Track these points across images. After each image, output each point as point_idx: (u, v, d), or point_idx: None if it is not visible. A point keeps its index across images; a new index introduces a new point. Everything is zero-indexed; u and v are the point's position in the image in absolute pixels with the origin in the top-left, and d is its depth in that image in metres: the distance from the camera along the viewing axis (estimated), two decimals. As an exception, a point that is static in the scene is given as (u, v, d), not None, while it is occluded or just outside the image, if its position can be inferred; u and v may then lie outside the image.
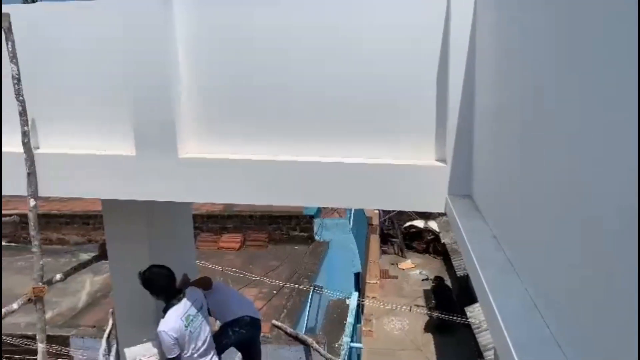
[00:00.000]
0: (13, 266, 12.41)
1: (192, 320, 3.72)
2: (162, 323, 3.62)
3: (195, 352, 3.77)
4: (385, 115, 2.76)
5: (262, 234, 15.04)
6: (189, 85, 2.99)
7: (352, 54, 2.73)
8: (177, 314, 3.66)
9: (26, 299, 3.25)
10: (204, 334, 3.85)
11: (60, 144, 3.27)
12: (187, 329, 3.67)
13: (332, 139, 2.85)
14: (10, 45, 3.05)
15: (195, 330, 3.73)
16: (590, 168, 1.06)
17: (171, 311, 3.67)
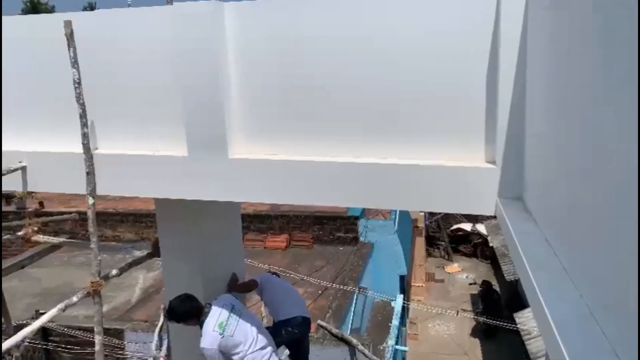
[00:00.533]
0: (73, 261, 13.05)
1: (225, 326, 3.79)
2: (202, 341, 3.75)
3: (250, 347, 3.82)
4: (433, 115, 2.73)
5: (308, 234, 15.16)
6: (239, 87, 3.04)
7: (399, 53, 2.71)
8: (210, 327, 3.76)
9: (85, 293, 3.40)
10: (247, 329, 3.89)
11: (117, 145, 3.41)
12: (223, 335, 3.75)
13: (379, 140, 2.85)
14: (71, 51, 3.17)
15: (232, 332, 3.80)
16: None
17: (204, 326, 3.78)
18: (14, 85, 3.58)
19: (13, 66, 3.54)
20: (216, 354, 3.71)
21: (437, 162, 2.72)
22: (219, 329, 3.74)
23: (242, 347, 3.81)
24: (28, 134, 3.58)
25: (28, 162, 3.54)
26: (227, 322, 3.79)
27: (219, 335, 3.73)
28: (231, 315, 3.84)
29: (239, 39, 2.96)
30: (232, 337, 3.77)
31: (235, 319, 3.84)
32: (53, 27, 3.20)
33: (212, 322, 3.76)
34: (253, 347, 3.85)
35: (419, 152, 2.77)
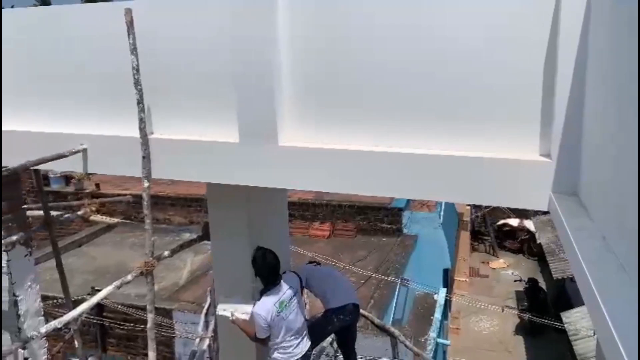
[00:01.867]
0: (125, 242, 13.59)
1: (285, 307, 3.84)
2: (256, 305, 3.81)
3: (287, 337, 3.90)
4: (487, 106, 2.68)
5: (351, 223, 15.19)
6: (291, 76, 3.07)
7: (455, 42, 2.67)
8: (271, 300, 3.81)
9: (138, 272, 3.54)
10: (297, 319, 3.95)
11: (172, 131, 3.51)
12: (280, 314, 3.81)
13: (428, 131, 2.82)
14: (131, 38, 3.26)
15: (287, 316, 3.85)
16: None
17: (266, 296, 3.83)
18: (76, 72, 3.74)
19: (74, 53, 3.69)
20: (265, 323, 3.76)
21: (489, 154, 2.67)
22: (278, 307, 3.80)
23: (284, 332, 3.87)
24: (89, 118, 3.74)
25: (89, 144, 3.70)
26: (287, 303, 3.86)
27: (276, 310, 3.79)
28: (292, 301, 3.91)
29: (290, 26, 2.98)
30: (285, 321, 3.84)
31: (294, 304, 3.92)
32: (113, 16, 3.31)
33: (275, 297, 3.82)
34: (290, 338, 3.93)
35: (471, 144, 2.73)
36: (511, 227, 21.93)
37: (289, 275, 4.06)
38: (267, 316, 3.75)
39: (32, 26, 3.90)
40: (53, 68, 3.82)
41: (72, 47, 3.69)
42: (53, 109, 3.90)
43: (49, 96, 3.91)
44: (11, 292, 4.29)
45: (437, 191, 2.93)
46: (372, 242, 14.21)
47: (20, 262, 4.33)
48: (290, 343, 3.93)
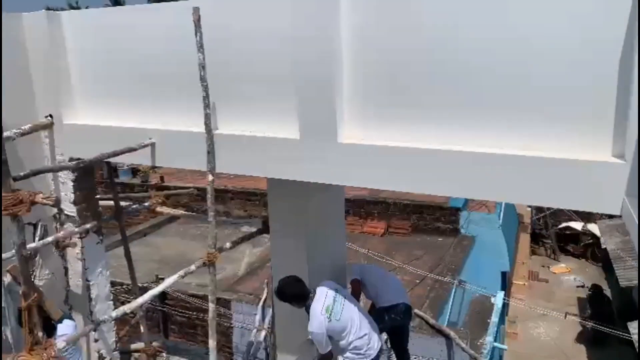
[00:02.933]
0: (187, 233, 14.11)
1: (332, 309, 3.85)
2: (309, 325, 3.85)
3: (358, 333, 3.90)
4: (558, 107, 2.58)
5: (406, 222, 15.04)
6: (352, 73, 3.08)
7: (526, 40, 2.59)
8: (317, 311, 3.84)
9: (201, 263, 3.67)
10: (351, 314, 3.94)
11: (235, 127, 3.60)
12: (330, 319, 3.81)
13: (494, 129, 2.75)
14: (198, 36, 3.35)
15: (338, 316, 3.86)
16: None
17: (312, 310, 3.86)
18: (146, 69, 3.91)
19: (144, 51, 3.86)
20: (324, 337, 3.78)
21: (559, 154, 2.58)
22: (326, 313, 3.81)
23: (347, 331, 3.87)
24: (158, 113, 3.91)
25: (157, 139, 3.87)
26: (333, 306, 3.85)
27: (326, 319, 3.79)
28: (336, 300, 3.90)
29: (352, 23, 2.99)
30: (339, 322, 3.84)
31: (340, 304, 3.91)
32: (180, 14, 3.44)
33: (319, 306, 3.83)
34: (357, 333, 3.91)
35: (540, 144, 2.64)
36: (574, 230, 21.00)
37: (325, 283, 4.07)
38: (322, 329, 3.78)
39: (105, 25, 4.12)
40: (125, 65, 4.02)
41: (143, 45, 3.86)
42: (125, 104, 4.11)
43: (121, 92, 4.11)
44: (84, 277, 4.56)
45: (502, 192, 2.86)
46: (428, 241, 14.01)
47: (92, 249, 4.59)
48: (363, 339, 3.92)
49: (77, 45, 4.20)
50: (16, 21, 4.17)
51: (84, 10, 4.51)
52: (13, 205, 2.50)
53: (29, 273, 2.65)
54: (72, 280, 4.64)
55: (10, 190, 2.55)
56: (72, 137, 4.28)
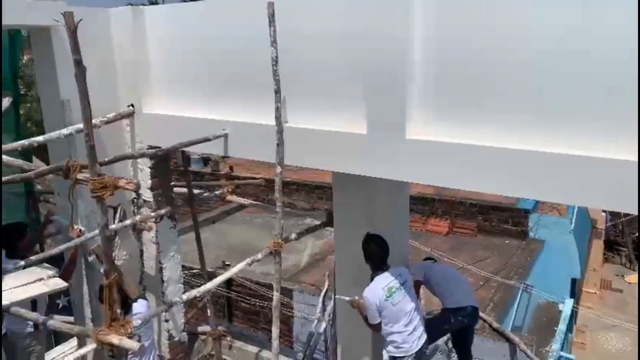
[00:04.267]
0: (253, 222, 14.52)
1: (393, 292, 3.88)
2: (366, 289, 3.91)
3: (402, 327, 3.91)
4: (632, 108, 2.45)
5: (471, 222, 14.68)
6: (422, 69, 3.06)
7: (597, 40, 2.48)
8: (380, 284, 3.89)
9: (267, 252, 3.78)
10: (408, 309, 3.95)
11: (304, 120, 3.67)
12: (388, 300, 3.85)
13: (566, 130, 2.66)
14: (272, 30, 3.42)
15: (396, 303, 3.88)
16: None
17: (376, 280, 3.92)
18: (220, 62, 4.06)
19: (219, 45, 4.01)
20: (373, 306, 3.86)
21: (633, 157, 2.45)
22: (387, 292, 3.87)
23: (395, 319, 3.90)
24: (232, 106, 4.05)
25: (230, 130, 4.01)
26: (396, 290, 3.90)
27: (384, 295, 3.86)
28: (401, 288, 3.94)
29: (424, 19, 2.97)
30: (393, 307, 3.88)
31: (402, 293, 3.94)
32: (254, 9, 3.53)
33: (384, 282, 3.90)
34: (400, 328, 3.92)
35: (616, 145, 2.52)
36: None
37: (398, 267, 4.09)
38: (375, 300, 3.84)
39: (183, 20, 4.32)
40: (200, 59, 4.20)
41: (218, 39, 4.01)
42: (200, 96, 4.29)
43: (197, 84, 4.30)
44: (157, 260, 4.82)
45: (577, 195, 2.74)
46: (494, 243, 13.62)
47: (166, 233, 4.84)
48: (403, 334, 3.93)
49: (157, 39, 4.43)
50: (104, 16, 4.45)
51: (164, 5, 4.74)
52: (99, 188, 2.69)
53: (111, 253, 2.84)
54: (146, 262, 4.92)
55: (96, 174, 2.74)
56: (150, 126, 4.53)
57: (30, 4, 4.03)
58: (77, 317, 4.73)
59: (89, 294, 4.42)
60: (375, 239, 3.96)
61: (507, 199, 13.12)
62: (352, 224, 4.17)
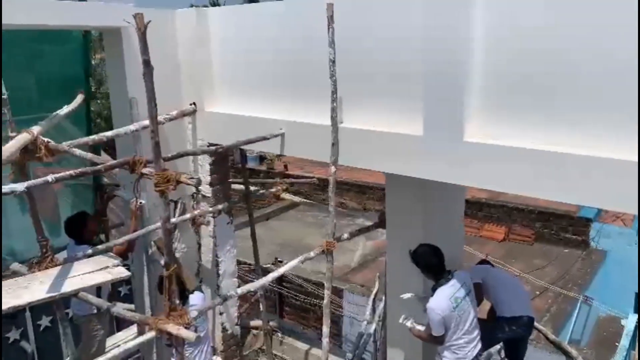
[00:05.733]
0: (304, 220, 14.68)
1: (460, 303, 3.75)
2: (431, 300, 3.75)
3: (463, 335, 3.82)
4: None
5: (528, 229, 14.21)
6: (481, 71, 3.01)
7: None
8: (446, 294, 3.73)
9: (320, 250, 3.81)
10: (471, 318, 3.85)
11: (359, 120, 3.67)
12: (455, 310, 3.72)
13: (630, 136, 2.53)
14: (330, 32, 3.45)
15: (462, 313, 3.76)
16: None
17: (439, 290, 3.76)
18: (278, 63, 4.14)
19: (277, 46, 4.09)
20: (440, 320, 3.72)
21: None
22: (453, 302, 3.73)
23: (460, 329, 3.79)
24: (288, 106, 4.13)
25: (286, 129, 4.08)
26: (462, 300, 3.77)
27: (451, 306, 3.72)
28: (466, 297, 3.82)
29: (485, 21, 2.92)
30: (458, 317, 3.76)
31: (467, 303, 3.82)
32: (312, 10, 3.57)
33: (449, 292, 3.75)
34: (461, 335, 3.82)
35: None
36: None
37: (462, 273, 3.98)
38: (442, 312, 3.69)
39: (243, 22, 4.44)
40: (259, 59, 4.29)
41: (276, 40, 4.10)
42: (258, 95, 4.39)
43: (255, 84, 4.40)
44: (214, 254, 4.97)
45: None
46: (552, 251, 13.13)
47: (223, 228, 4.98)
48: (461, 343, 3.82)
49: (219, 40, 4.57)
50: (169, 17, 4.63)
51: (226, 7, 4.87)
52: (162, 182, 2.81)
53: (171, 245, 2.96)
54: (203, 256, 5.08)
55: (160, 169, 2.86)
56: (211, 124, 4.67)
57: (102, 6, 4.26)
58: (137, 305, 4.95)
59: (148, 284, 4.61)
60: (430, 248, 3.82)
61: (567, 205, 12.62)
62: (405, 227, 4.14)
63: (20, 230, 4.78)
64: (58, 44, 5.43)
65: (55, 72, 5.40)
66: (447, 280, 3.77)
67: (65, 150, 3.38)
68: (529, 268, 11.50)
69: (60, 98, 4.26)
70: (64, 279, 3.04)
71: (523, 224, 14.36)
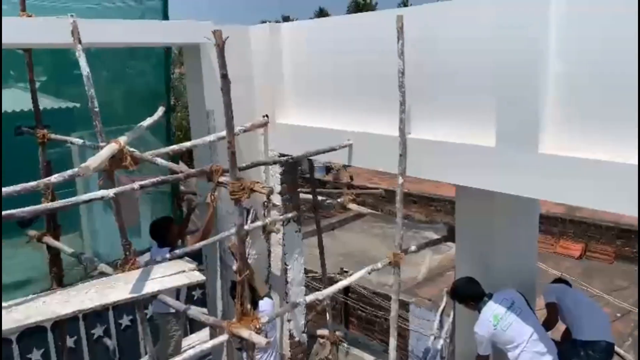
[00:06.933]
0: (370, 231, 14.65)
1: (500, 319, 3.77)
2: (476, 324, 3.86)
3: (526, 347, 3.71)
4: None
5: (609, 247, 13.41)
6: (558, 81, 2.93)
7: None
8: (486, 316, 3.81)
9: (387, 262, 3.82)
10: (523, 328, 3.75)
11: (428, 132, 3.66)
12: (496, 328, 3.75)
13: None
14: (400, 43, 3.48)
15: (505, 327, 3.75)
16: None
17: (482, 313, 3.85)
18: (346, 75, 4.21)
19: (346, 58, 4.16)
20: (485, 341, 3.81)
21: None
22: (493, 320, 3.77)
23: (516, 344, 3.73)
24: (355, 117, 4.18)
25: (354, 140, 4.13)
26: (503, 316, 3.78)
27: (492, 325, 3.76)
28: (508, 311, 3.79)
29: (562, 30, 2.85)
30: (505, 332, 3.74)
31: (512, 316, 3.77)
32: (381, 23, 3.61)
33: (489, 312, 3.81)
34: (529, 349, 3.71)
35: None
36: None
37: (505, 292, 3.91)
38: (486, 332, 3.80)
39: (313, 35, 4.56)
40: (328, 72, 4.39)
41: (345, 52, 4.17)
42: (327, 107, 4.48)
43: (324, 96, 4.50)
44: (283, 262, 5.09)
45: None
46: (635, 271, 12.28)
47: (291, 236, 5.11)
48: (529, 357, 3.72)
49: (290, 54, 4.72)
50: (245, 33, 4.84)
51: (297, 22, 5.02)
52: (237, 191, 2.94)
53: (245, 251, 3.08)
54: (273, 263, 5.22)
55: (236, 178, 2.99)
56: (282, 135, 4.81)
57: (183, 24, 4.52)
58: (210, 309, 5.15)
59: (221, 289, 4.79)
60: (464, 279, 3.99)
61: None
62: (476, 241, 4.06)
63: (105, 233, 5.14)
64: (142, 61, 5.83)
65: (139, 86, 5.81)
66: (484, 303, 3.86)
67: (148, 159, 3.61)
68: (609, 288, 10.84)
69: (143, 110, 4.56)
70: (145, 281, 3.23)
71: (602, 241, 13.57)
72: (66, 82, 6.10)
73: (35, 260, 5.37)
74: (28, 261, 5.55)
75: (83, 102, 4.10)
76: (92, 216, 6.17)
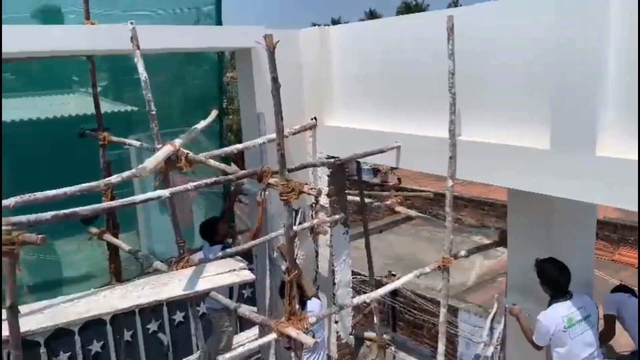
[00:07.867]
0: (419, 234, 14.50)
1: (574, 324, 3.59)
2: (542, 313, 3.67)
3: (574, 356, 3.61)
4: None
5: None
6: (617, 81, 2.83)
7: None
8: (559, 312, 3.61)
9: (436, 266, 3.78)
10: (587, 346, 3.61)
11: (479, 133, 3.60)
12: (567, 331, 3.57)
13: None
14: (450, 43, 3.44)
15: (575, 335, 3.59)
16: None
17: (554, 306, 3.65)
18: (395, 76, 4.20)
19: (394, 60, 4.15)
20: (546, 334, 3.62)
21: None
22: (566, 322, 3.60)
23: (573, 353, 3.59)
24: (404, 119, 4.17)
25: (402, 142, 4.11)
26: (577, 323, 3.62)
27: (562, 325, 3.59)
28: (583, 322, 3.63)
29: (621, 28, 2.76)
30: (571, 340, 3.59)
31: (585, 327, 3.63)
32: (429, 24, 3.58)
33: (564, 311, 3.63)
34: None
35: None
36: None
37: (584, 298, 3.73)
38: (551, 327, 3.59)
39: (362, 37, 4.57)
40: (376, 73, 4.39)
41: (393, 54, 4.17)
42: (375, 109, 4.48)
43: (372, 98, 4.51)
44: (330, 263, 5.12)
45: None
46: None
47: (339, 238, 5.13)
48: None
49: (339, 56, 4.75)
50: (295, 36, 4.90)
51: (347, 24, 5.04)
52: (287, 192, 3.00)
53: (294, 252, 3.13)
54: (320, 264, 5.26)
55: (285, 180, 3.05)
56: (330, 137, 4.85)
57: (236, 29, 4.64)
58: (259, 308, 5.25)
59: (270, 288, 4.88)
60: (557, 262, 3.69)
61: None
62: (529, 246, 3.95)
63: (160, 232, 5.34)
64: (196, 65, 6.03)
65: (193, 90, 6.00)
66: (564, 300, 3.65)
67: (202, 161, 3.72)
68: (675, 300, 10.22)
69: (197, 113, 4.72)
70: (197, 279, 3.33)
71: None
72: (125, 87, 6.40)
73: (96, 256, 5.67)
74: (90, 257, 5.86)
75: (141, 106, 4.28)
76: (148, 215, 6.42)
